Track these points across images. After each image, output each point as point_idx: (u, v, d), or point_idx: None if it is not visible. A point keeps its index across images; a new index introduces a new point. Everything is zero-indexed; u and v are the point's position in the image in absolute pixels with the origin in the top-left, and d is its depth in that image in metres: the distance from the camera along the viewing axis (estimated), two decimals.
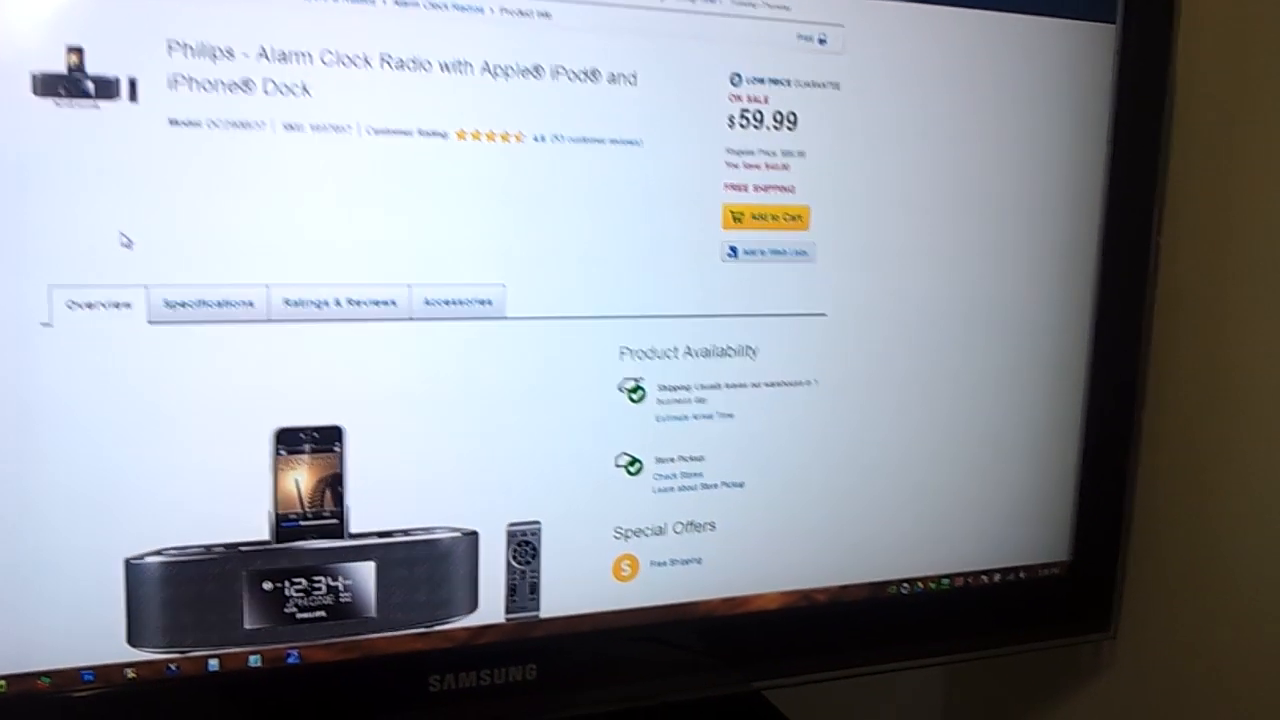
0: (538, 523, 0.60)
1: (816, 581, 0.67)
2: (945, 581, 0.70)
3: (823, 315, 0.64)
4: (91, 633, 0.52)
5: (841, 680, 0.70)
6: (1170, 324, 0.72)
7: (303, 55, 0.51)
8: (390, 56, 0.53)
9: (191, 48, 0.50)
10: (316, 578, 0.56)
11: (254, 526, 0.54)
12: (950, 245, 0.66)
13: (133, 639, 0.53)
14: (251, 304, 0.52)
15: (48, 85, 0.48)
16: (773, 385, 0.64)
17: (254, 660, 0.55)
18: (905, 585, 0.69)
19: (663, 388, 0.61)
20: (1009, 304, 0.68)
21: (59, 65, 0.48)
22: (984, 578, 0.71)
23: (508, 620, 0.60)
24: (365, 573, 0.56)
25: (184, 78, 0.50)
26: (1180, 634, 0.73)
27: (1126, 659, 0.77)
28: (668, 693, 0.65)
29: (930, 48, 0.64)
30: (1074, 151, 0.69)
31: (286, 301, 0.53)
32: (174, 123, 0.50)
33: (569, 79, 0.56)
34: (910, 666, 0.73)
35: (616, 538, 0.62)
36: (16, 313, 0.49)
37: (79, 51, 0.48)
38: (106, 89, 0.48)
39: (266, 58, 0.51)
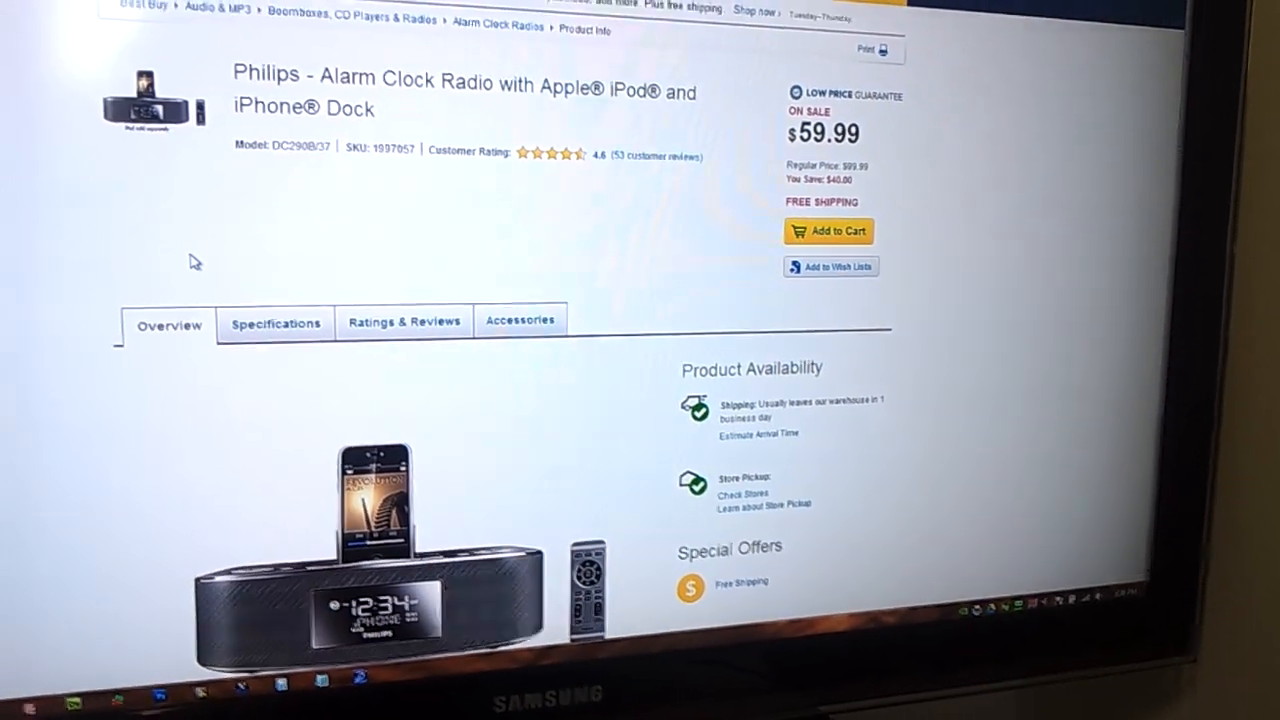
0: (602, 542, 0.60)
1: (885, 603, 0.66)
2: (1018, 603, 0.69)
3: (888, 330, 0.63)
4: (163, 652, 0.53)
5: (911, 705, 0.68)
6: (1247, 335, 0.71)
7: (366, 76, 0.52)
8: (451, 76, 0.53)
9: (257, 70, 0.50)
10: (383, 597, 0.56)
11: (321, 546, 0.55)
12: (1018, 258, 0.65)
13: (203, 658, 0.53)
14: (318, 324, 0.53)
15: (118, 110, 0.49)
16: (838, 402, 0.63)
17: (321, 680, 0.56)
18: (977, 607, 0.68)
19: (726, 405, 0.61)
20: (1079, 317, 0.67)
21: (129, 90, 0.49)
22: (1058, 599, 0.70)
23: (573, 641, 0.60)
24: (431, 592, 0.56)
25: (250, 100, 0.51)
26: (1266, 656, 0.71)
27: (1209, 683, 0.75)
28: (734, 716, 0.65)
29: (993, 56, 0.63)
30: (1144, 161, 0.67)
31: (352, 321, 0.53)
32: (241, 144, 0.51)
33: (628, 95, 0.56)
34: (982, 691, 0.71)
35: (681, 558, 0.61)
36: (90, 334, 0.50)
37: (149, 76, 0.49)
38: (175, 112, 0.49)
39: (330, 79, 0.52)
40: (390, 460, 0.55)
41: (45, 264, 0.49)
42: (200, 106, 0.50)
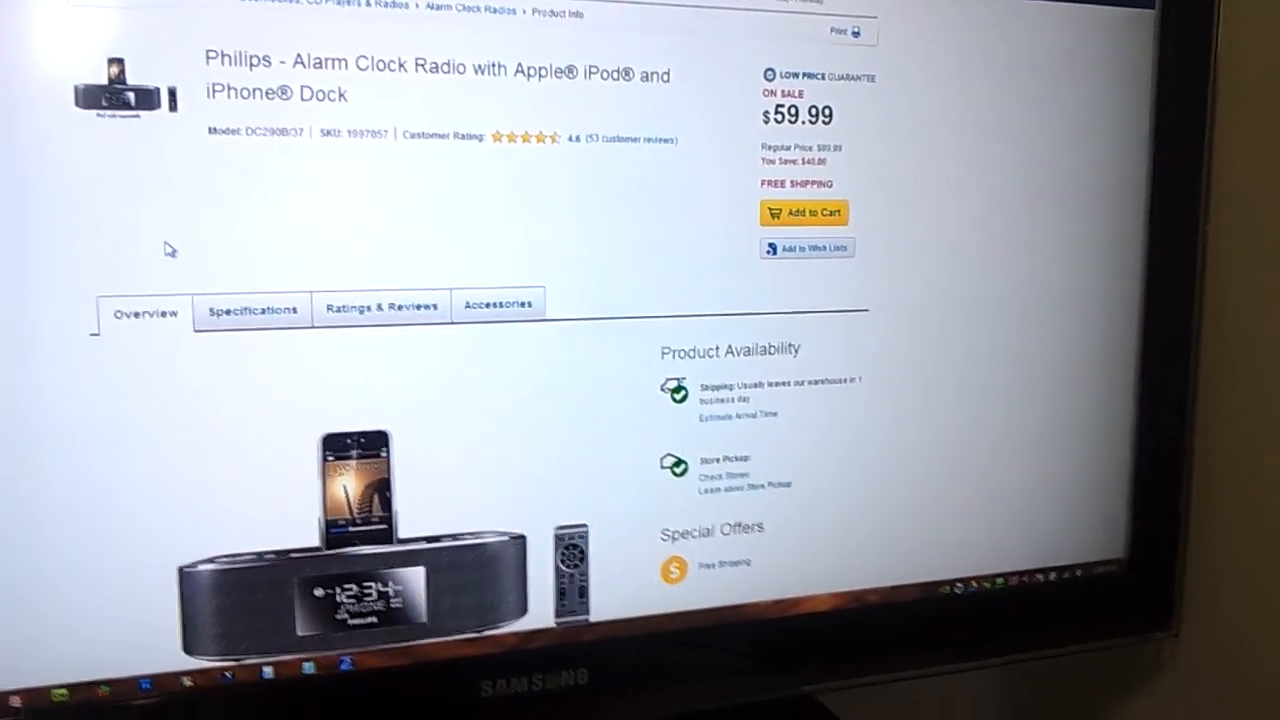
0: (585, 525, 0.60)
1: (867, 582, 0.66)
2: (999, 581, 0.69)
3: (865, 311, 0.64)
4: (148, 641, 0.53)
5: (895, 683, 0.68)
6: (1221, 313, 0.71)
7: (339, 61, 0.52)
8: (425, 60, 0.53)
9: (229, 56, 0.50)
10: (367, 584, 0.56)
11: (304, 533, 0.55)
12: (993, 238, 0.66)
13: (188, 647, 0.53)
14: (295, 310, 0.53)
15: (90, 97, 0.49)
16: (816, 383, 0.63)
17: (308, 667, 0.56)
18: (959, 585, 0.68)
19: (705, 387, 0.61)
20: (1055, 296, 0.68)
21: (100, 77, 0.49)
22: (1039, 576, 0.70)
23: (558, 624, 0.60)
24: (415, 578, 0.56)
25: (222, 86, 0.50)
26: (1245, 629, 0.72)
27: (1190, 657, 0.76)
28: (719, 696, 0.65)
29: (965, 38, 0.63)
30: (1116, 140, 0.68)
31: (329, 307, 0.53)
32: (213, 131, 0.51)
33: (602, 78, 0.57)
34: (965, 668, 0.72)
35: (664, 540, 0.62)
36: (66, 323, 0.50)
37: (120, 63, 0.49)
38: (147, 99, 0.49)
39: (303, 64, 0.52)
40: (371, 446, 0.55)
41: (18, 253, 0.49)
42: (172, 93, 0.50)
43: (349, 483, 0.55)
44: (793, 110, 0.60)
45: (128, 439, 0.51)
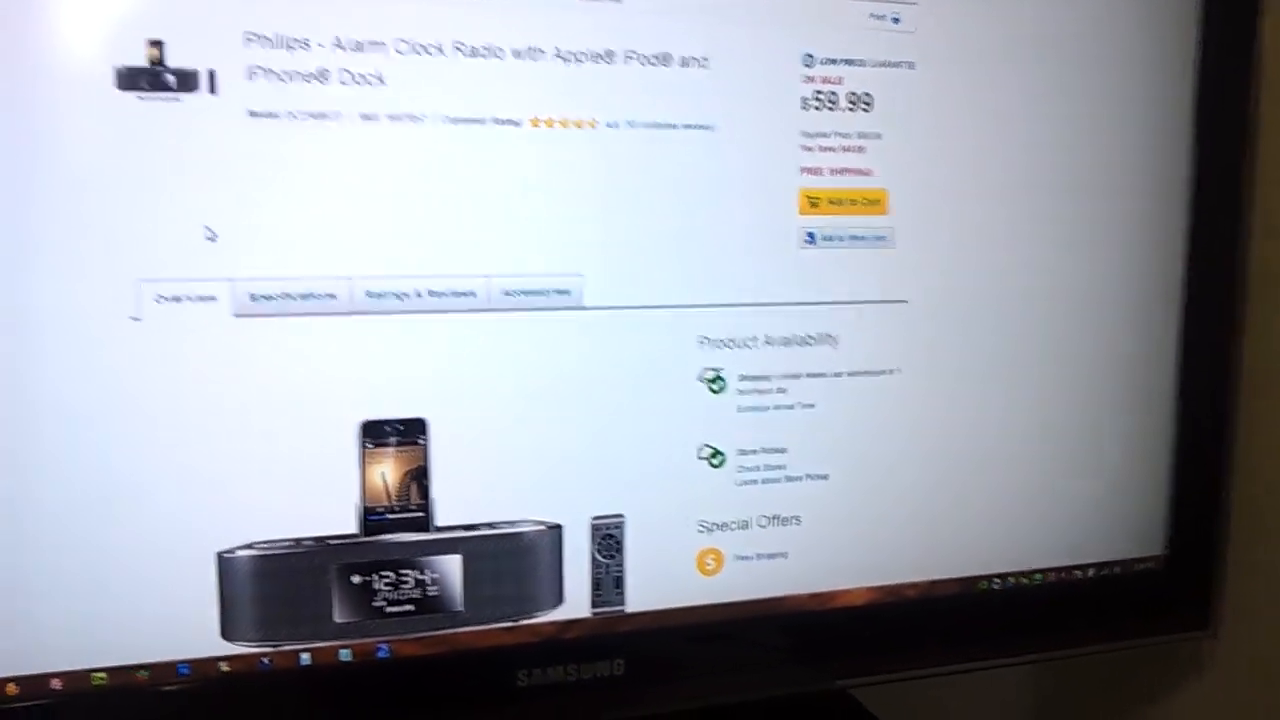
0: (621, 516, 0.59)
1: (905, 576, 0.66)
2: (1038, 577, 0.68)
3: (904, 302, 0.63)
4: (187, 626, 0.53)
5: (931, 678, 0.68)
6: (1265, 305, 0.70)
7: (377, 45, 0.52)
8: (463, 44, 0.53)
9: (269, 39, 0.50)
10: (404, 571, 0.55)
11: (342, 520, 0.55)
12: (1033, 227, 0.65)
13: (226, 633, 0.53)
14: (334, 296, 0.53)
15: (129, 79, 0.49)
16: (855, 374, 0.63)
17: (344, 654, 0.56)
18: (996, 581, 0.68)
19: (743, 378, 0.61)
20: (1095, 287, 0.67)
21: (140, 59, 0.49)
22: (1077, 573, 0.69)
23: (594, 615, 0.60)
24: (452, 566, 0.56)
25: (262, 69, 0.50)
26: None
27: (1228, 658, 0.75)
28: (755, 689, 0.64)
29: (1005, 23, 0.63)
30: (1158, 127, 0.67)
31: (368, 293, 0.53)
32: (253, 114, 0.50)
33: (640, 63, 0.56)
34: (1001, 664, 0.71)
35: (701, 531, 0.61)
36: (106, 307, 0.50)
37: (159, 45, 0.49)
38: (186, 81, 0.49)
39: (342, 48, 0.51)
40: (409, 434, 0.55)
41: (59, 236, 0.49)
42: (212, 76, 0.50)
43: (387, 470, 0.55)
44: (832, 97, 0.60)
45: (166, 423, 0.51)
